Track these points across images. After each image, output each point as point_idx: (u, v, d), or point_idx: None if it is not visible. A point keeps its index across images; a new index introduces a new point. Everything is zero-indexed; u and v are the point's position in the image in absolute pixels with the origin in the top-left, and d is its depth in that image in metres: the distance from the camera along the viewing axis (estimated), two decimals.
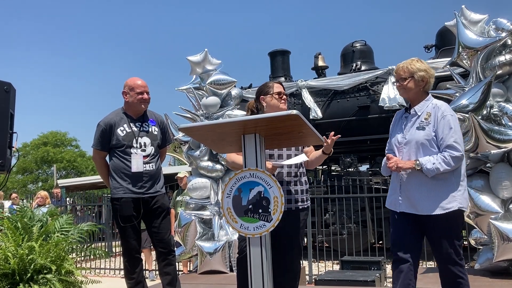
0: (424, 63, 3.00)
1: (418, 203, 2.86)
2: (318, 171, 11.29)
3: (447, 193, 2.82)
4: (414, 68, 2.95)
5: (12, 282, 3.19)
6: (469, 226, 5.62)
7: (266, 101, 3.10)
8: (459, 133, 2.85)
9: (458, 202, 2.81)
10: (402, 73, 3.00)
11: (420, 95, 2.99)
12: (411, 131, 2.93)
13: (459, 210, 2.83)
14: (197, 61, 6.71)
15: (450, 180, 2.84)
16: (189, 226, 6.37)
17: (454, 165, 2.79)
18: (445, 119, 2.85)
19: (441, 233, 2.84)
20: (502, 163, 4.96)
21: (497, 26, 5.13)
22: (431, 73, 2.99)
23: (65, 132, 40.59)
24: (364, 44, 9.93)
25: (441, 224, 2.83)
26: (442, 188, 2.83)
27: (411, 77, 2.95)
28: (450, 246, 2.81)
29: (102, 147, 3.69)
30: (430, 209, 2.83)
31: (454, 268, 2.82)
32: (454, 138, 2.81)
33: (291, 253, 3.04)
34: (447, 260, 2.83)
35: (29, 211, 3.95)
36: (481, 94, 4.71)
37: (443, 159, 2.77)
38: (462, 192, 2.85)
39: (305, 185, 3.15)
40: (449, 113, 2.88)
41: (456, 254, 2.82)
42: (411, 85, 2.96)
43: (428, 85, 2.99)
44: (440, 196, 2.82)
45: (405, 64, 3.00)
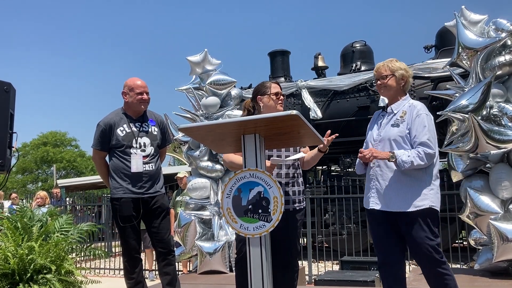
0: (404, 63, 3.06)
1: (390, 200, 2.87)
2: (318, 172, 11.29)
3: (419, 191, 2.83)
4: (395, 67, 3.00)
5: (11, 282, 3.19)
6: (468, 226, 5.62)
7: (263, 102, 3.10)
8: (433, 132, 2.87)
9: (430, 201, 2.82)
10: (383, 71, 3.03)
11: (399, 94, 3.03)
12: (386, 128, 2.97)
13: (430, 208, 2.82)
14: (196, 61, 6.71)
15: (423, 178, 2.85)
16: (189, 226, 6.37)
17: (427, 162, 2.80)
18: (420, 118, 2.87)
19: (414, 232, 2.82)
20: (501, 163, 4.96)
21: (497, 27, 5.14)
22: (410, 73, 3.05)
23: (65, 132, 40.63)
24: (364, 44, 9.93)
25: (413, 223, 2.82)
26: (414, 186, 2.84)
27: (392, 75, 3.00)
28: (427, 245, 2.78)
29: (101, 147, 3.69)
30: (401, 206, 2.84)
31: (438, 267, 2.80)
32: (428, 136, 2.83)
33: (289, 253, 3.04)
34: (428, 260, 2.81)
35: (28, 211, 3.95)
36: (481, 94, 4.71)
37: (418, 154, 2.79)
38: (435, 191, 2.87)
39: (301, 186, 3.16)
40: (424, 112, 2.91)
41: (436, 252, 2.80)
42: (392, 83, 3.01)
43: (407, 84, 3.04)
44: (411, 194, 2.83)
45: (385, 63, 3.06)
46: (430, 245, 2.78)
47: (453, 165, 5.19)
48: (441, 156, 9.77)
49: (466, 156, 5.04)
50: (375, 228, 3.04)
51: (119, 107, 3.81)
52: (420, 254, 2.83)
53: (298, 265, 3.18)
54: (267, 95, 3.10)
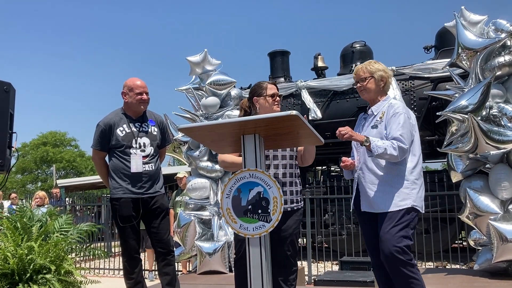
0: (382, 64, 3.05)
1: (374, 200, 2.88)
2: (317, 172, 11.29)
3: (402, 190, 2.82)
4: (373, 68, 3.00)
5: (11, 282, 3.19)
6: (468, 227, 5.62)
7: (260, 103, 3.07)
8: (407, 129, 2.85)
9: (412, 200, 2.81)
10: (362, 73, 3.03)
11: (379, 95, 3.03)
12: (367, 131, 2.98)
13: (412, 208, 2.81)
14: (196, 62, 6.71)
15: (404, 178, 2.84)
16: (189, 227, 6.36)
17: (398, 154, 2.78)
18: (396, 116, 2.87)
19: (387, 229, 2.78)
20: (501, 164, 4.96)
21: (496, 27, 5.14)
22: (389, 73, 3.05)
23: (65, 132, 40.63)
24: (363, 44, 9.93)
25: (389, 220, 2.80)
26: (396, 186, 2.83)
27: (371, 77, 3.00)
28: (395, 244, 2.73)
29: (101, 147, 3.69)
30: (383, 206, 2.83)
31: (404, 268, 2.74)
32: (401, 132, 2.82)
33: (288, 253, 3.04)
34: (393, 260, 2.75)
35: (28, 211, 3.95)
36: (480, 95, 4.71)
37: (391, 144, 2.79)
38: (417, 191, 2.85)
39: (299, 186, 3.15)
40: (402, 111, 2.89)
41: (404, 253, 2.75)
42: (371, 85, 3.01)
43: (387, 85, 3.03)
44: (393, 194, 2.82)
45: (364, 65, 3.06)
46: (398, 245, 2.73)
47: (453, 166, 5.19)
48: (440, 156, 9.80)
49: (465, 156, 5.04)
50: (364, 230, 3.05)
51: (118, 107, 3.81)
52: (386, 253, 2.77)
53: (297, 265, 3.18)
54: (263, 96, 3.09)
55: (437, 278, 5.12)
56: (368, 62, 3.08)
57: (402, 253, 2.74)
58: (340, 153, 9.34)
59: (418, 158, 2.93)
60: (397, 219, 2.79)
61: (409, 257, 2.76)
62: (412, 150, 2.90)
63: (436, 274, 5.35)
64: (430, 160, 10.70)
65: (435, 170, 10.68)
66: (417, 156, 2.92)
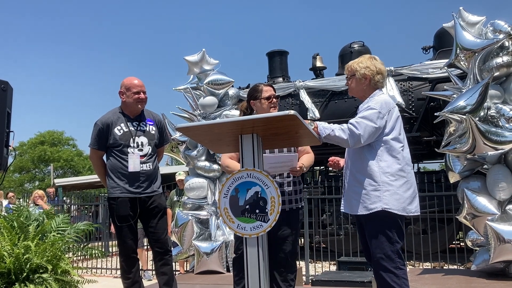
0: (372, 60, 2.92)
1: (350, 202, 2.82)
2: (315, 172, 11.29)
3: (372, 192, 2.70)
4: (356, 67, 2.92)
5: (7, 281, 3.18)
6: (465, 227, 5.63)
7: (257, 106, 3.14)
8: (367, 120, 2.69)
9: (383, 203, 2.66)
10: (347, 72, 2.99)
11: (366, 93, 2.92)
12: None
13: (383, 211, 2.66)
14: (194, 61, 6.70)
15: (375, 179, 2.71)
16: (186, 226, 6.36)
17: (348, 138, 2.65)
18: (367, 109, 2.75)
19: (369, 235, 2.72)
20: (499, 164, 4.97)
21: (494, 28, 5.14)
22: (376, 70, 2.88)
23: (62, 131, 40.54)
24: (362, 45, 9.92)
25: (369, 225, 2.73)
26: (366, 187, 2.72)
27: (352, 76, 2.94)
28: (377, 249, 2.66)
29: (99, 147, 3.68)
30: (357, 208, 2.76)
31: (385, 275, 2.65)
32: (357, 120, 2.70)
33: (287, 253, 3.04)
34: (377, 265, 2.68)
35: (25, 210, 3.94)
36: (478, 95, 4.71)
37: (340, 127, 2.68)
38: (391, 193, 2.68)
39: (298, 185, 3.16)
40: (375, 106, 2.75)
41: (387, 259, 2.64)
42: (353, 84, 2.96)
43: (374, 82, 2.89)
44: (364, 196, 2.72)
45: (351, 62, 2.99)
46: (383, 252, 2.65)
47: (451, 166, 5.19)
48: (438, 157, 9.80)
49: (463, 157, 5.05)
50: (358, 232, 2.99)
51: (116, 107, 3.80)
52: (372, 257, 2.72)
53: (296, 265, 3.18)
54: (259, 99, 3.11)
55: (435, 278, 5.12)
56: (358, 58, 2.98)
57: (386, 260, 2.64)
58: (338, 153, 9.35)
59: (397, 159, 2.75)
60: (375, 223, 2.69)
61: (393, 264, 2.64)
62: (388, 149, 2.74)
63: (433, 275, 5.35)
64: (428, 160, 10.71)
65: (433, 171, 10.69)
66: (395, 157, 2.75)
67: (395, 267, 2.65)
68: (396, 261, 2.66)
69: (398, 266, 2.66)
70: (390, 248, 2.66)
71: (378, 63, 2.92)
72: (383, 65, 2.95)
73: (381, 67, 2.91)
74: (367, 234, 2.78)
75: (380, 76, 2.90)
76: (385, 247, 2.66)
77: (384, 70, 2.95)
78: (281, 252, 3.01)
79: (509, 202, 4.89)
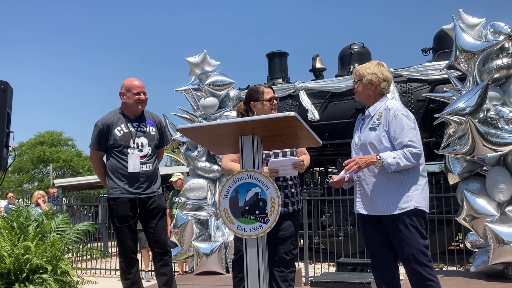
0: (380, 67, 3.00)
1: (376, 204, 2.86)
2: (315, 173, 11.29)
3: (403, 192, 2.80)
4: (364, 72, 3.00)
5: (7, 282, 3.18)
6: (465, 229, 5.63)
7: (257, 108, 3.14)
8: (413, 131, 2.83)
9: (415, 202, 2.79)
10: (355, 76, 3.07)
11: (372, 98, 3.01)
12: (365, 132, 2.97)
13: (416, 210, 2.79)
14: (196, 62, 6.71)
15: (406, 180, 2.82)
16: (186, 227, 6.36)
17: (415, 162, 2.78)
18: (397, 118, 2.84)
19: (400, 234, 2.79)
20: (498, 166, 4.97)
21: (494, 30, 5.15)
22: (383, 77, 2.97)
23: (61, 131, 40.51)
24: (361, 46, 9.94)
25: (399, 225, 2.79)
26: (398, 187, 2.81)
27: (359, 81, 3.02)
28: (411, 246, 2.76)
29: (99, 147, 3.68)
30: (386, 209, 2.82)
31: (422, 269, 2.76)
32: (409, 137, 2.79)
33: (286, 254, 3.05)
34: (413, 262, 2.77)
35: (25, 211, 3.94)
36: (478, 97, 4.72)
37: (403, 154, 2.76)
38: (419, 192, 2.82)
39: (298, 187, 3.18)
40: (401, 112, 2.86)
41: (423, 255, 2.76)
42: (360, 89, 3.04)
43: (379, 88, 2.98)
44: (396, 196, 2.81)
45: (359, 67, 3.06)
46: (416, 247, 2.76)
47: (450, 168, 5.20)
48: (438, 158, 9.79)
49: (463, 158, 5.05)
50: (365, 232, 3.03)
51: (117, 108, 3.81)
52: (405, 256, 2.80)
53: (295, 266, 3.19)
54: (260, 101, 3.12)
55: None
56: (366, 63, 3.06)
57: (421, 255, 2.76)
58: (337, 154, 9.37)
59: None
60: (407, 221, 2.78)
61: (427, 258, 2.77)
62: None
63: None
64: (428, 162, 10.72)
65: (433, 172, 10.70)
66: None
67: (428, 260, 2.78)
68: (428, 255, 2.80)
69: (430, 259, 2.81)
70: (423, 244, 2.79)
71: (385, 70, 3.01)
72: (390, 73, 3.06)
73: (387, 75, 3.01)
74: (395, 233, 2.82)
75: (385, 83, 3.00)
76: (419, 243, 2.77)
77: (391, 78, 3.05)
78: (281, 253, 3.02)
79: (508, 203, 4.89)
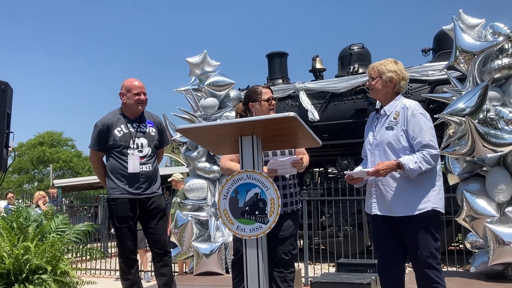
0: (397, 65, 2.96)
1: (392, 204, 2.84)
2: (315, 173, 11.29)
3: (420, 193, 2.78)
4: (384, 69, 2.93)
5: (7, 282, 3.18)
6: (465, 229, 5.63)
7: (255, 108, 3.15)
8: (431, 130, 2.82)
9: (432, 203, 2.77)
10: (372, 73, 3.00)
11: (389, 96, 2.97)
12: (381, 132, 2.93)
13: (433, 211, 2.78)
14: (196, 63, 6.71)
15: (423, 180, 2.80)
16: (186, 227, 6.36)
17: (434, 164, 2.77)
18: (416, 118, 2.82)
19: (416, 236, 2.78)
20: (498, 166, 4.97)
21: (494, 30, 5.15)
22: (402, 76, 2.95)
23: (61, 132, 40.51)
24: (361, 47, 9.94)
25: (415, 226, 2.78)
26: (415, 188, 2.79)
27: (379, 78, 2.95)
28: (425, 248, 2.75)
29: (99, 148, 3.69)
30: (403, 210, 2.80)
31: (430, 271, 2.75)
32: (429, 137, 2.78)
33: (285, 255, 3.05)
34: (422, 263, 2.77)
35: (24, 211, 3.94)
36: (477, 98, 4.72)
37: (423, 158, 2.74)
38: (436, 192, 2.81)
39: (297, 188, 3.19)
40: (419, 111, 2.85)
41: (432, 257, 2.75)
42: (378, 86, 2.96)
43: (398, 87, 2.96)
44: (413, 197, 2.79)
45: (377, 64, 2.99)
46: (428, 250, 2.75)
47: (450, 168, 5.20)
48: None
49: (462, 159, 5.05)
50: (377, 232, 3.00)
51: (117, 108, 3.81)
52: (416, 257, 2.80)
53: (294, 266, 3.19)
54: (258, 101, 3.12)
55: None
56: (383, 61, 3.00)
57: (431, 257, 2.75)
58: (337, 154, 9.36)
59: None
60: (424, 223, 2.77)
61: (436, 260, 2.77)
62: None
63: None
64: None
65: None
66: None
67: (437, 263, 2.78)
68: (437, 257, 2.79)
69: (439, 262, 2.80)
70: (434, 246, 2.78)
71: (403, 69, 2.99)
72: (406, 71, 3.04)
73: (406, 74, 3.00)
74: (410, 234, 2.80)
75: (404, 82, 2.98)
76: (432, 245, 2.77)
77: (408, 77, 3.03)
78: (280, 253, 3.02)
79: (508, 204, 4.89)
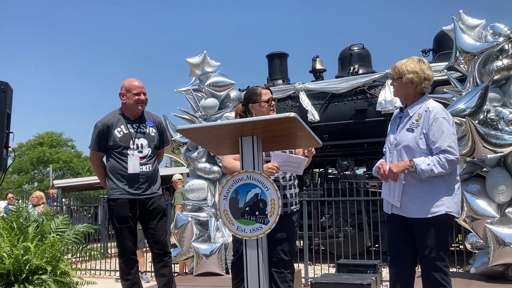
0: (421, 64, 2.89)
1: (407, 206, 2.83)
2: (315, 174, 11.29)
3: (435, 196, 2.76)
4: (404, 70, 2.89)
5: (7, 282, 3.17)
6: (465, 230, 5.63)
7: (255, 109, 3.15)
8: (453, 136, 2.78)
9: (446, 206, 2.75)
10: (394, 73, 2.97)
11: (412, 96, 2.92)
12: (402, 133, 2.90)
13: (446, 215, 2.76)
14: (196, 63, 6.72)
15: (439, 183, 2.78)
16: (186, 228, 6.36)
17: (449, 169, 2.73)
18: (437, 122, 2.78)
19: (426, 237, 2.78)
20: (498, 167, 4.97)
21: (494, 31, 5.16)
22: (424, 76, 2.87)
23: (61, 132, 40.51)
24: (361, 47, 9.94)
25: (427, 228, 2.78)
26: (430, 191, 2.78)
27: (399, 78, 2.91)
28: (434, 251, 2.75)
29: (99, 148, 3.68)
30: (417, 212, 2.80)
31: (437, 274, 2.75)
32: (448, 142, 2.74)
33: (285, 255, 3.05)
34: (430, 265, 2.77)
35: (24, 212, 3.93)
36: (478, 98, 4.73)
37: (438, 161, 2.71)
38: (451, 196, 2.78)
39: (297, 188, 3.20)
40: (442, 115, 2.79)
41: (440, 260, 2.75)
42: (399, 86, 2.94)
43: (420, 87, 2.89)
44: (428, 200, 2.77)
45: (399, 64, 2.94)
46: (437, 252, 2.75)
47: None
48: None
49: (463, 159, 5.05)
50: (391, 229, 2.99)
51: (117, 108, 3.81)
52: (425, 258, 2.79)
53: (294, 266, 3.19)
54: (258, 103, 3.12)
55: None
56: (406, 60, 2.94)
57: (438, 259, 2.75)
58: (337, 155, 9.36)
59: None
60: (435, 226, 2.76)
61: (444, 263, 2.76)
62: None
63: None
64: None
65: None
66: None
67: (445, 265, 2.77)
68: (446, 260, 2.78)
69: (447, 265, 2.79)
70: (444, 249, 2.78)
71: (426, 69, 2.90)
72: (431, 70, 2.94)
73: (429, 73, 2.90)
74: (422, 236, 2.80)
75: (427, 82, 2.91)
76: (441, 248, 2.77)
77: (432, 76, 2.94)
78: (280, 254, 3.02)
79: (508, 205, 4.89)
